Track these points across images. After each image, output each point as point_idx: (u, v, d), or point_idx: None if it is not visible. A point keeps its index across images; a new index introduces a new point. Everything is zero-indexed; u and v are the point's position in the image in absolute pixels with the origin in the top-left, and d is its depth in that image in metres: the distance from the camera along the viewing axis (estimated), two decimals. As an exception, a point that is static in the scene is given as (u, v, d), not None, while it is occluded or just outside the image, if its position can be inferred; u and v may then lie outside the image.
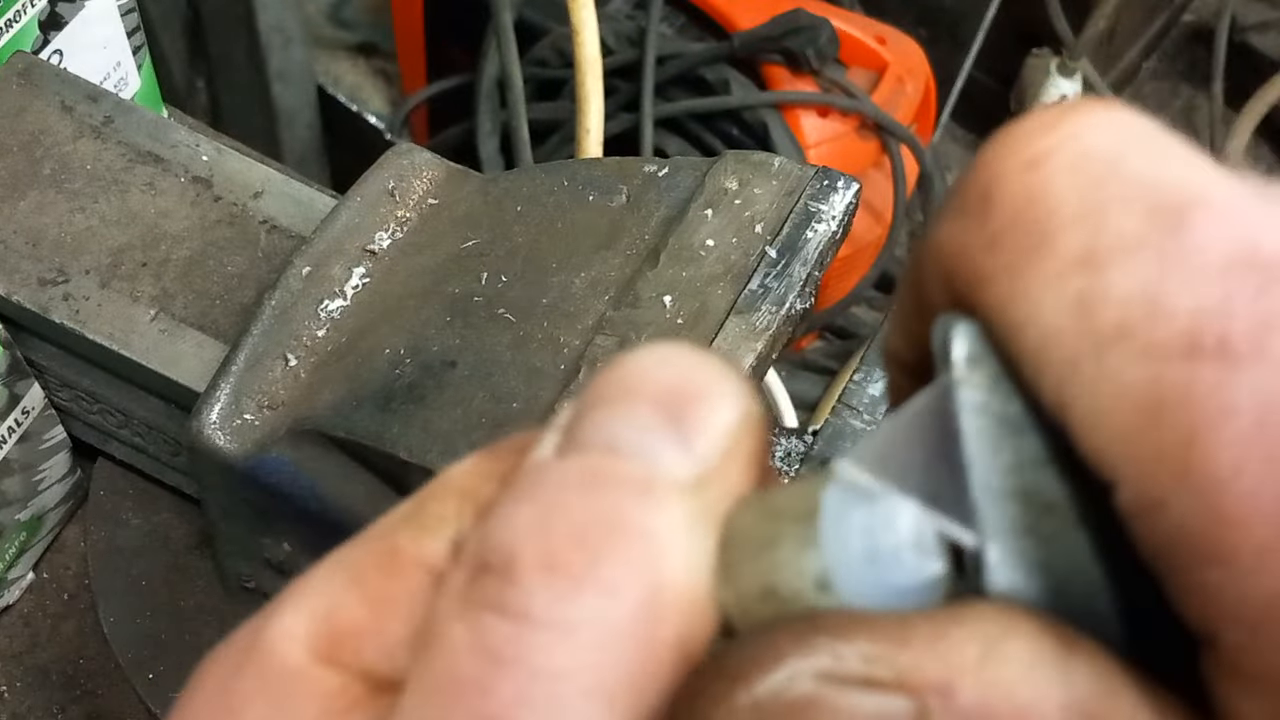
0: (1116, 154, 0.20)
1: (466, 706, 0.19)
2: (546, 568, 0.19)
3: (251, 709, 0.22)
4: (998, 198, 0.21)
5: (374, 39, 1.86)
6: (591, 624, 0.19)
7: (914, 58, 1.55)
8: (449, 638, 0.20)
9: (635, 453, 0.20)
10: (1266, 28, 1.99)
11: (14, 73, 0.63)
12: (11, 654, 0.68)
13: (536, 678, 0.19)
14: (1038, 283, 0.20)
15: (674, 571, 0.20)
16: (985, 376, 0.20)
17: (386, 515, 0.24)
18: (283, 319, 0.53)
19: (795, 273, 0.51)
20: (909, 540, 0.20)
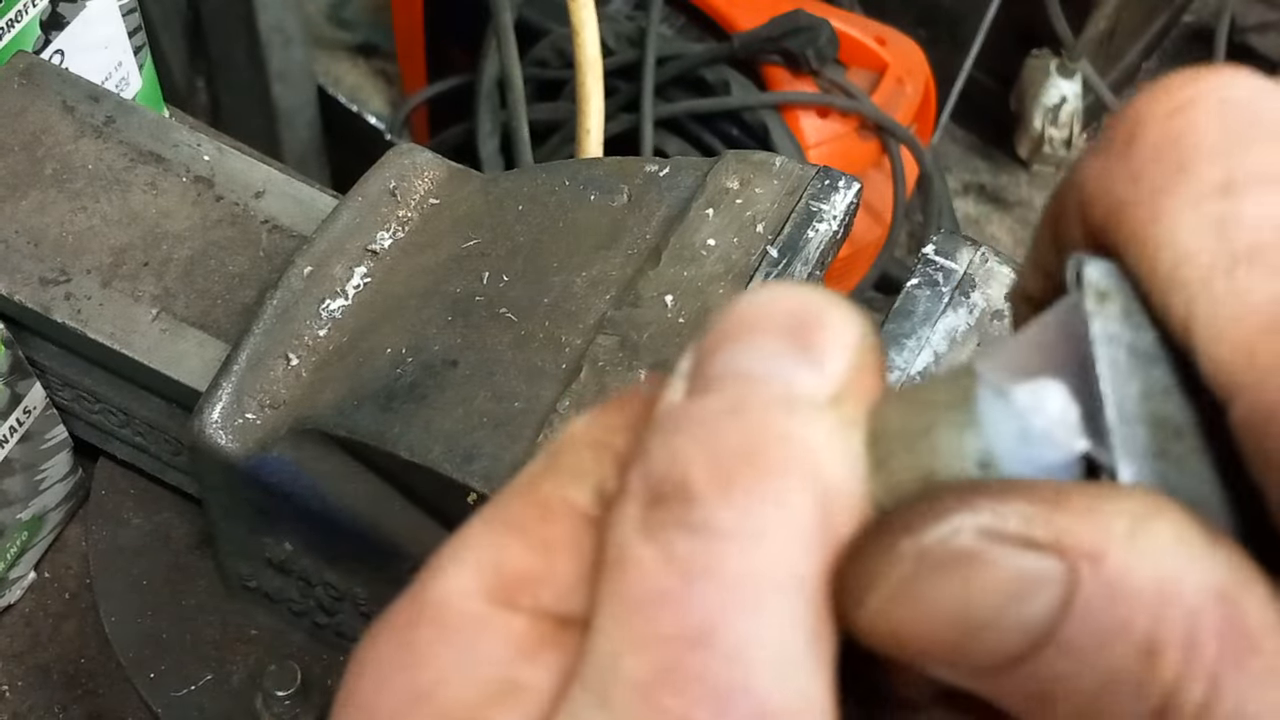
0: (1256, 102, 0.22)
1: (670, 618, 0.20)
2: (723, 486, 0.21)
3: (437, 658, 0.22)
4: (1142, 135, 0.22)
5: (374, 39, 1.86)
6: (774, 529, 0.21)
7: (914, 58, 1.55)
8: (638, 561, 0.21)
9: (772, 378, 0.22)
10: (1266, 28, 1.99)
11: (15, 72, 0.63)
12: (13, 653, 0.69)
13: (733, 583, 0.20)
14: (1178, 205, 0.21)
15: (834, 473, 0.21)
16: (1118, 308, 0.22)
17: (526, 469, 0.25)
18: (284, 318, 0.53)
19: (796, 272, 0.51)
20: (1058, 418, 0.21)
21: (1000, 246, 1.86)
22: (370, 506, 0.52)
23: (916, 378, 0.48)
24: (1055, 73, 1.84)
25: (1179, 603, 0.19)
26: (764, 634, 0.20)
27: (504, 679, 0.22)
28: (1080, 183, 0.23)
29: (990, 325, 0.49)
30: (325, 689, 0.58)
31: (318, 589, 0.57)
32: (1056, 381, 0.22)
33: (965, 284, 0.50)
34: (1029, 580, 0.19)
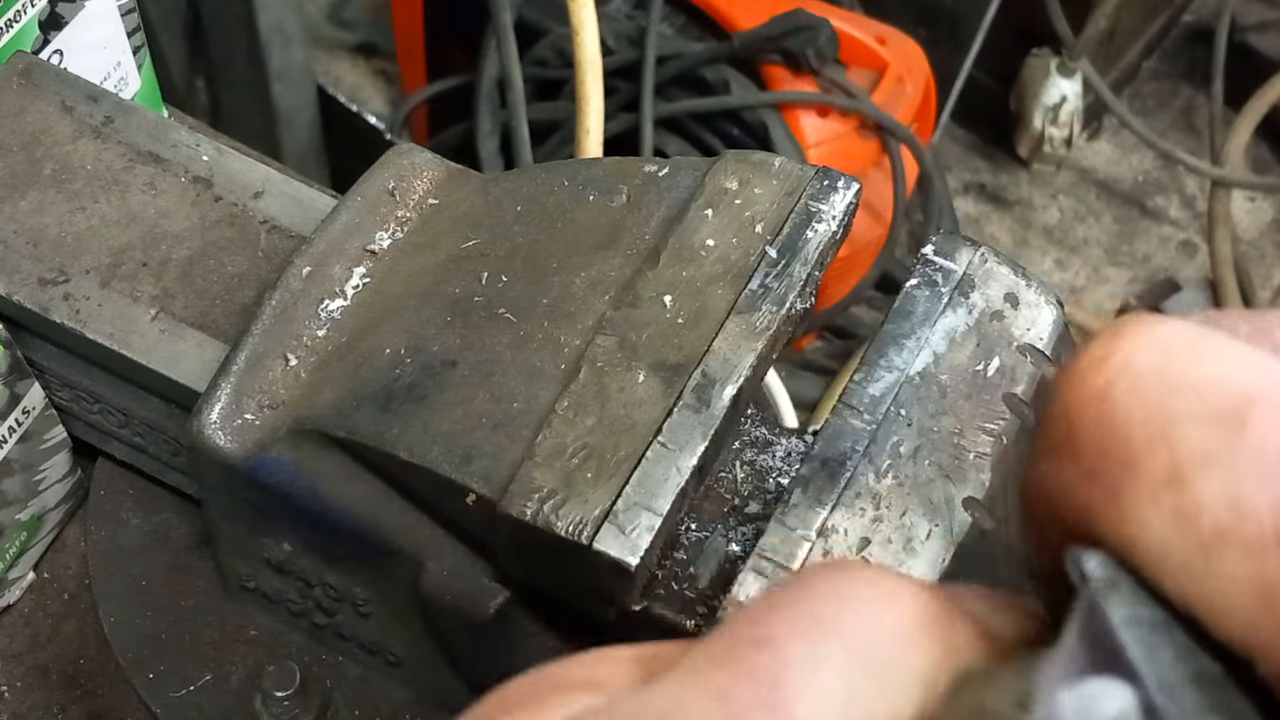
0: (1168, 369, 0.23)
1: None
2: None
3: None
4: (1080, 432, 0.24)
5: (374, 39, 1.86)
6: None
7: (914, 58, 1.55)
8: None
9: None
10: (1266, 28, 1.99)
11: (14, 73, 0.63)
12: (12, 654, 0.68)
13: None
14: (1138, 505, 0.23)
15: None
16: (1126, 592, 0.23)
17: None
18: (283, 319, 0.53)
19: (795, 272, 0.51)
20: (1119, 712, 0.22)
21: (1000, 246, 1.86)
22: (369, 507, 0.52)
23: (916, 378, 0.48)
24: (1055, 72, 1.84)
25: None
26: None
27: None
28: (1041, 491, 0.25)
29: (989, 325, 0.49)
30: (324, 689, 0.58)
31: (317, 589, 0.57)
32: (1108, 677, 0.22)
33: (964, 284, 0.50)
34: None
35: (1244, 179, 1.87)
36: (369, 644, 0.58)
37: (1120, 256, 2.00)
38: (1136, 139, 1.94)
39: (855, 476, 0.45)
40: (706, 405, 0.47)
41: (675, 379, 0.48)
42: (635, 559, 0.44)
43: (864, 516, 0.45)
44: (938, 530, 0.45)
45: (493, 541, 0.48)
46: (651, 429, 0.47)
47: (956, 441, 0.47)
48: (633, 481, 0.45)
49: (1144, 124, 1.93)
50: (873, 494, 0.45)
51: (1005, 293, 0.50)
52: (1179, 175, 2.05)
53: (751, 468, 0.54)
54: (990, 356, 0.49)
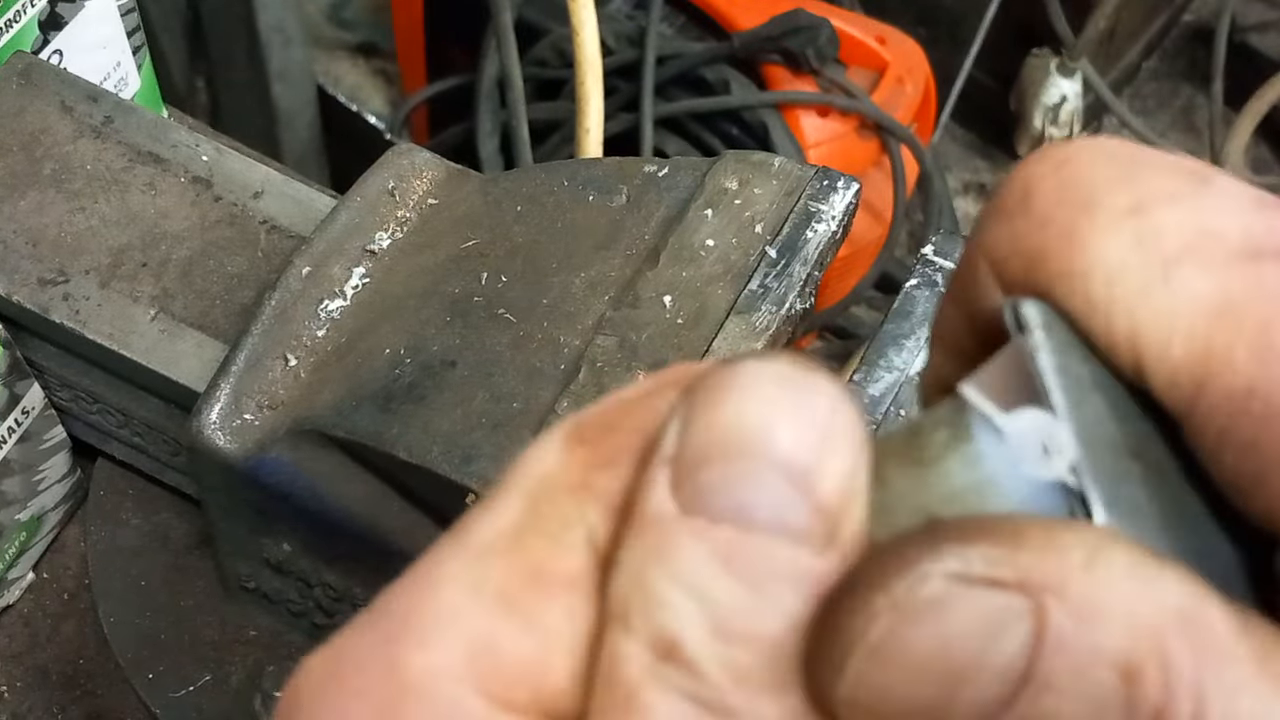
0: (1129, 147, 0.24)
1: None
2: (735, 676, 0.21)
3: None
4: (1039, 189, 0.23)
5: (374, 39, 1.86)
6: (781, 715, 0.21)
7: (914, 58, 1.55)
8: (646, 705, 0.21)
9: (771, 526, 0.21)
10: (1266, 28, 1.99)
11: (14, 73, 0.63)
12: (11, 654, 0.68)
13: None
14: (1094, 234, 0.22)
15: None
16: (1058, 341, 0.22)
17: (497, 516, 0.23)
18: (283, 319, 0.53)
19: (795, 273, 0.51)
20: (1046, 440, 0.22)
21: (1000, 246, 1.85)
22: (369, 507, 0.52)
23: (916, 378, 0.48)
24: (1055, 72, 1.84)
25: (1145, 623, 0.19)
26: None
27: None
28: (987, 247, 0.24)
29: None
30: (324, 690, 0.58)
31: (316, 590, 0.57)
32: (1034, 408, 0.22)
33: (964, 284, 0.50)
34: (999, 619, 0.20)
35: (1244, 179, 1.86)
36: (369, 644, 0.58)
37: (1120, 256, 2.00)
38: (1136, 139, 1.94)
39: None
40: (706, 405, 0.47)
41: (675, 379, 0.48)
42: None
43: (864, 517, 0.45)
44: (937, 530, 0.45)
45: (492, 542, 0.48)
46: (651, 429, 0.47)
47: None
48: (632, 482, 0.45)
49: (1144, 124, 1.93)
50: (872, 494, 0.45)
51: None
52: (1179, 175, 2.05)
53: (751, 468, 0.54)
54: (990, 357, 0.49)
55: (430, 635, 0.22)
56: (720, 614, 0.21)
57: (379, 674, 0.22)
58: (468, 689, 0.21)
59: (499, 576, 0.22)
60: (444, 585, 0.22)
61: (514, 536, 0.22)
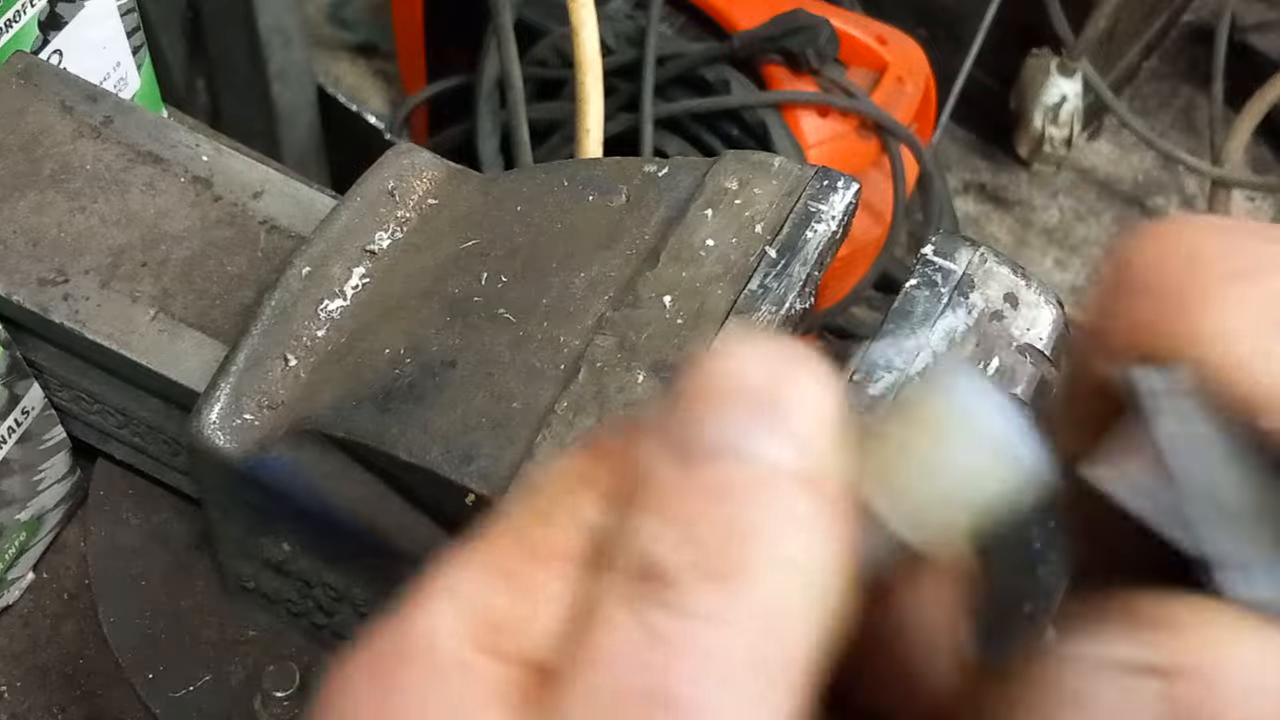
0: (1232, 222, 0.25)
1: (638, 679, 0.21)
2: (704, 576, 0.22)
3: (421, 704, 0.23)
4: (1148, 264, 0.24)
5: (374, 39, 1.86)
6: (750, 615, 0.22)
7: (914, 58, 1.55)
8: (616, 626, 0.22)
9: (751, 455, 0.23)
10: (1266, 28, 1.99)
11: (14, 73, 0.63)
12: (11, 654, 0.68)
13: (705, 659, 0.21)
14: (1210, 301, 0.23)
15: (810, 557, 0.23)
16: (1178, 408, 0.23)
17: (509, 509, 0.25)
18: (283, 319, 0.53)
19: (795, 273, 0.51)
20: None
21: (1000, 246, 1.86)
22: (369, 507, 0.52)
23: (916, 378, 0.48)
24: (1055, 72, 1.84)
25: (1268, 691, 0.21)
26: (729, 708, 0.21)
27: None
28: (1101, 321, 0.25)
29: (989, 325, 0.49)
30: (324, 690, 0.58)
31: (316, 590, 0.57)
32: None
33: (964, 284, 0.50)
34: (1141, 702, 0.21)
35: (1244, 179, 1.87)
36: (368, 644, 0.58)
37: (1120, 256, 1.99)
38: (1136, 139, 1.94)
39: (855, 477, 0.45)
40: (706, 405, 0.47)
41: (675, 379, 0.48)
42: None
43: (863, 517, 0.45)
44: (937, 530, 0.45)
45: (492, 542, 0.48)
46: (651, 429, 0.46)
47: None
48: (632, 482, 0.45)
49: (1144, 124, 1.93)
50: (872, 494, 0.45)
51: (1005, 293, 0.50)
52: (1179, 175, 2.05)
53: (751, 468, 0.54)
54: (990, 356, 0.49)
55: (431, 601, 0.24)
56: (699, 531, 0.22)
57: (391, 638, 0.24)
58: (460, 642, 0.23)
59: (498, 553, 0.24)
60: (449, 566, 0.24)
61: (517, 520, 0.25)
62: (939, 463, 0.23)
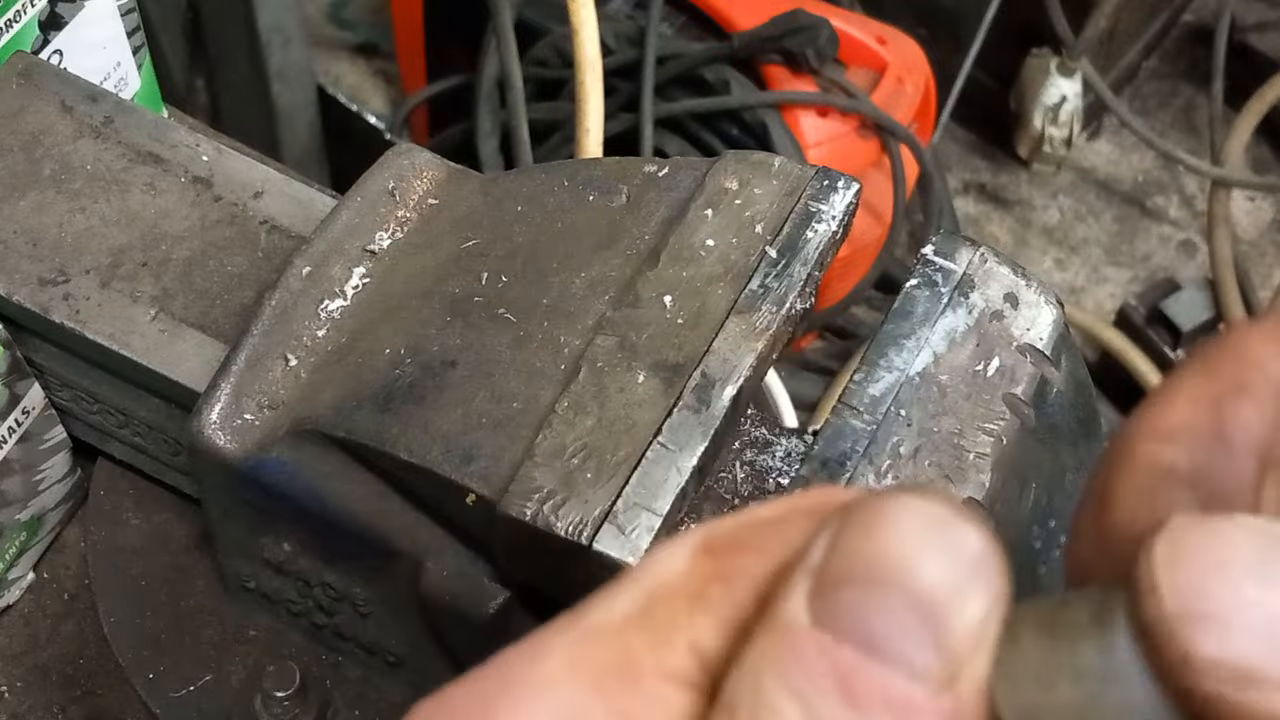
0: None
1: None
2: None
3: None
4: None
5: (374, 39, 1.86)
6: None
7: (914, 58, 1.55)
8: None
9: (894, 657, 0.22)
10: (1266, 28, 1.99)
11: (14, 73, 0.63)
12: (11, 654, 0.68)
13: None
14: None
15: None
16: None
17: (612, 605, 0.24)
18: (283, 319, 0.53)
19: (795, 273, 0.51)
20: None
21: (1000, 246, 1.86)
22: (369, 507, 0.52)
23: (916, 378, 0.48)
24: (1055, 72, 1.84)
25: None
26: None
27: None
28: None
29: (989, 325, 0.49)
30: (324, 689, 0.58)
31: (316, 590, 0.57)
32: None
33: (964, 284, 0.50)
34: None
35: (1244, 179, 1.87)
36: (369, 644, 0.58)
37: (1120, 256, 1.99)
38: (1136, 139, 1.94)
39: (855, 477, 0.45)
40: (706, 405, 0.47)
41: (675, 379, 0.48)
42: (635, 559, 0.44)
43: (864, 517, 0.45)
44: (938, 530, 0.45)
45: (492, 541, 0.48)
46: (651, 429, 0.47)
47: (956, 441, 0.47)
48: (632, 482, 0.45)
49: (1144, 124, 1.93)
50: (873, 494, 0.45)
51: (1005, 293, 0.50)
52: (1179, 175, 2.05)
53: (751, 468, 0.54)
54: (990, 356, 0.49)
55: (524, 700, 0.23)
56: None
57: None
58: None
59: (597, 659, 0.23)
60: (546, 657, 0.23)
61: (620, 627, 0.24)
62: (1078, 712, 0.22)
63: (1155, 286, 1.81)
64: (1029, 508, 0.48)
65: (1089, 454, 0.52)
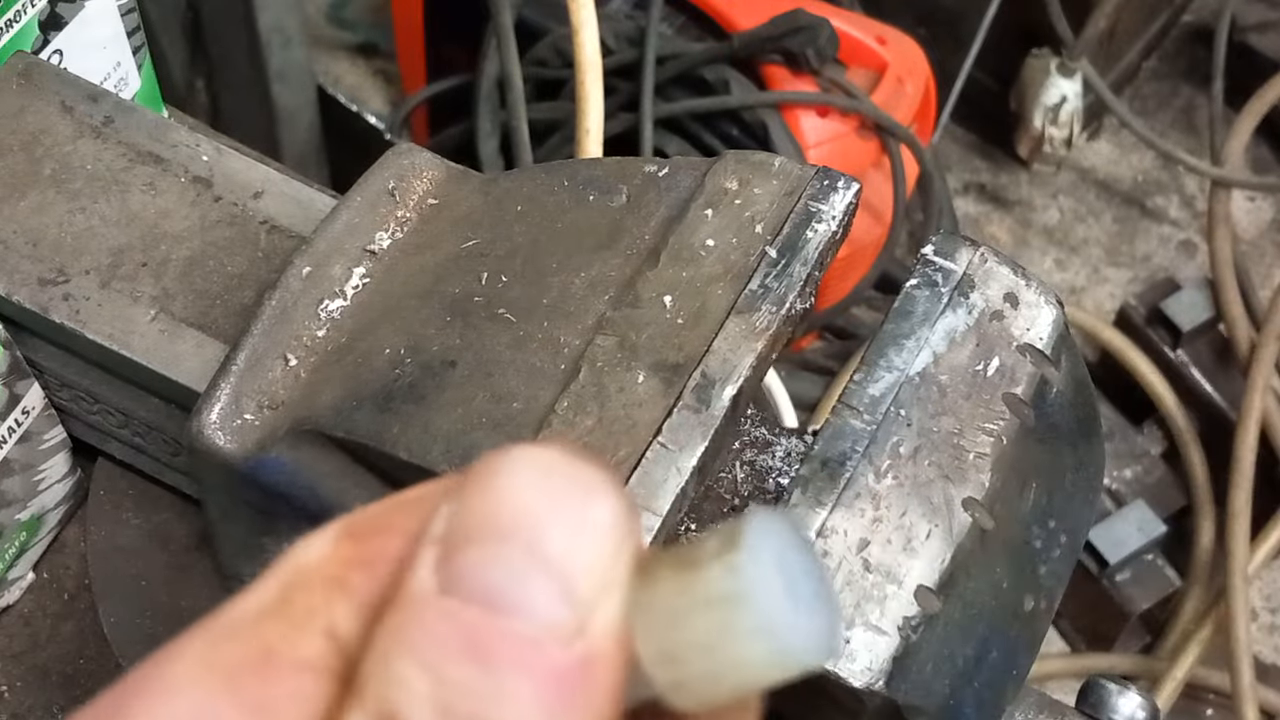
0: None
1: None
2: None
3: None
4: None
5: (374, 39, 1.86)
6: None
7: (914, 58, 1.55)
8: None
9: (521, 610, 0.21)
10: (1266, 28, 1.99)
11: (14, 73, 0.63)
12: (11, 654, 0.68)
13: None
14: None
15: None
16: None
17: (248, 600, 0.23)
18: (283, 319, 0.53)
19: (795, 273, 0.51)
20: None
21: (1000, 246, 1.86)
22: (369, 507, 0.52)
23: (916, 378, 0.48)
24: (1055, 72, 1.84)
25: None
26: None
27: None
28: None
29: (989, 325, 0.49)
30: (324, 690, 0.58)
31: (316, 590, 0.57)
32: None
33: (964, 284, 0.50)
34: None
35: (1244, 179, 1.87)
36: (369, 644, 0.58)
37: (1120, 256, 1.99)
38: (1136, 139, 1.94)
39: (855, 477, 0.45)
40: (706, 405, 0.47)
41: (675, 379, 0.48)
42: (635, 559, 0.44)
43: (864, 517, 0.45)
44: (937, 530, 0.45)
45: (492, 542, 0.48)
46: (651, 429, 0.47)
47: (956, 441, 0.47)
48: (632, 482, 0.45)
49: (1144, 124, 1.93)
50: (872, 494, 0.45)
51: (1005, 292, 0.50)
52: (1179, 175, 2.05)
53: (751, 468, 0.54)
54: (990, 356, 0.49)
55: (149, 707, 0.22)
56: (449, 695, 0.20)
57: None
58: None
59: (230, 655, 0.22)
60: (177, 660, 0.22)
61: (255, 620, 0.22)
62: (713, 645, 0.22)
63: (1155, 286, 1.81)
64: (1029, 508, 0.48)
65: (1089, 454, 0.52)
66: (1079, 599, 1.63)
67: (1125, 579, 1.62)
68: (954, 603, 0.44)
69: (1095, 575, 1.61)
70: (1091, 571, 1.61)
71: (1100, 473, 0.54)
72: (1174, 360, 1.71)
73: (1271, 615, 1.73)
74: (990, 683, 0.46)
